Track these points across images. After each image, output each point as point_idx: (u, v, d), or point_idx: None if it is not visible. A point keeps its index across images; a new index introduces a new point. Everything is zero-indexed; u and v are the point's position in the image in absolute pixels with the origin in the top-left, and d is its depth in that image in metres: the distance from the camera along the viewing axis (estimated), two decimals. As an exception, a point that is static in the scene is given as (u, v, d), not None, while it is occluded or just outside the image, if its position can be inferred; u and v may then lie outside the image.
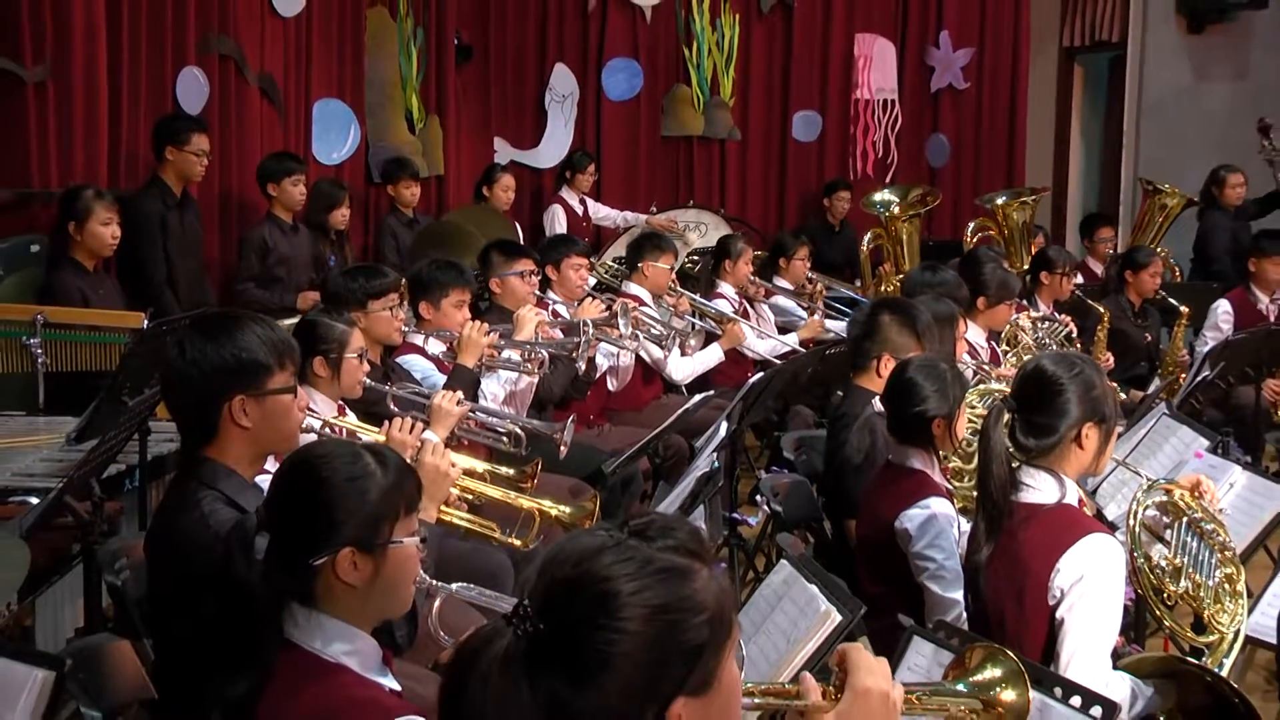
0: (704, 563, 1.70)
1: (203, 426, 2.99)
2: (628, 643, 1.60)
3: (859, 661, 1.91)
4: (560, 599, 1.63)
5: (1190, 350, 7.92)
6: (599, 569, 1.63)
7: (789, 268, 8.18)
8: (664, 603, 1.63)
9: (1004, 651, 2.13)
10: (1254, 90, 11.28)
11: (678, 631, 1.63)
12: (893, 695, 1.90)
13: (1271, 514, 4.39)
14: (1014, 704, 2.08)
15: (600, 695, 1.60)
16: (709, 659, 1.66)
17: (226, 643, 2.38)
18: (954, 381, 3.96)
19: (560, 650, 1.60)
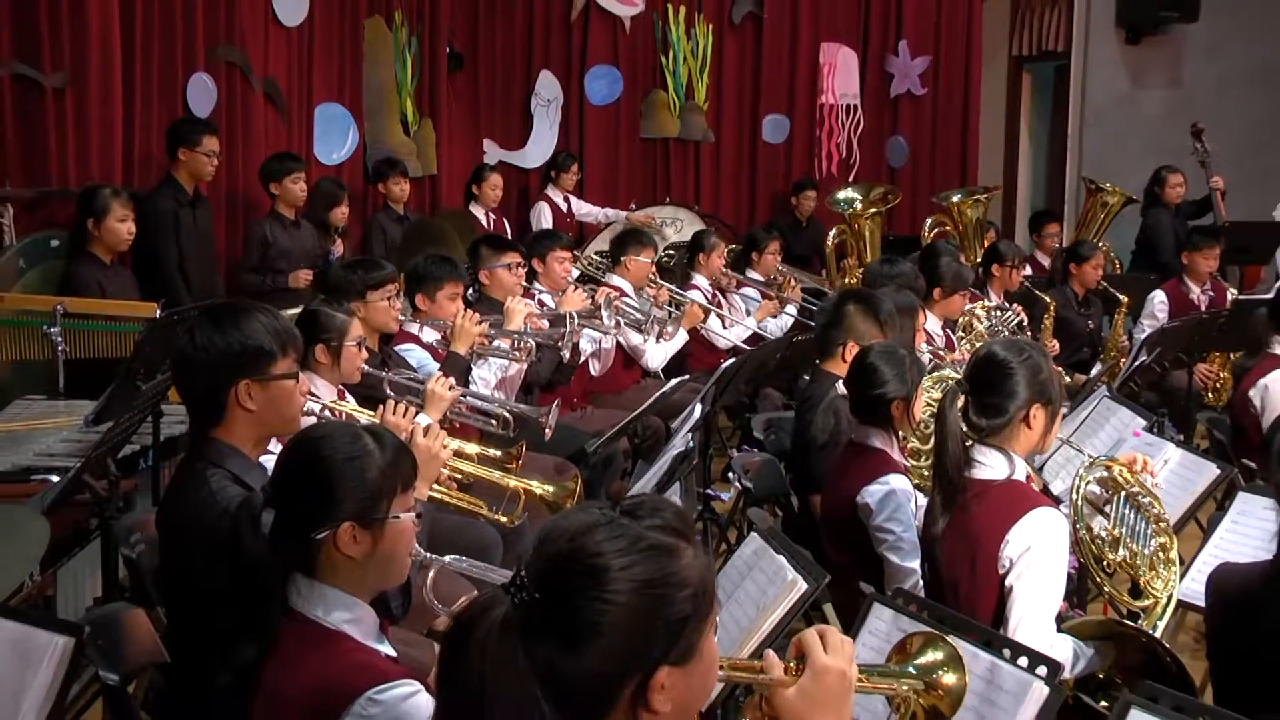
0: (689, 541, 1.71)
1: (211, 409, 2.99)
2: (617, 613, 1.61)
3: (819, 643, 1.90)
4: (555, 571, 1.63)
5: (1129, 337, 7.97)
6: (591, 544, 1.64)
7: (760, 261, 8.18)
8: (651, 577, 1.64)
9: (944, 637, 2.13)
10: (1187, 97, 11.32)
11: (663, 604, 1.64)
12: (850, 674, 1.90)
13: (1202, 487, 4.42)
14: (953, 686, 2.09)
15: (590, 661, 1.60)
16: (691, 631, 1.67)
17: (234, 611, 2.38)
18: (912, 366, 3.98)
19: (554, 618, 1.61)
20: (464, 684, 1.61)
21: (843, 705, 1.88)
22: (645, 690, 1.64)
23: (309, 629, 2.29)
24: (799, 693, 1.87)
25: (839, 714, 1.88)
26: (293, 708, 2.17)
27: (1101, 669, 3.20)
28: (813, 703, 1.86)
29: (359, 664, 2.23)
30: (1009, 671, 2.50)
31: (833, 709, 1.87)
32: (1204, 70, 11.47)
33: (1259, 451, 4.84)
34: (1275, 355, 5.32)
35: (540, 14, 10.40)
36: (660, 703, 1.64)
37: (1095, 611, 4.00)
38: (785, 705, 1.88)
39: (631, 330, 6.58)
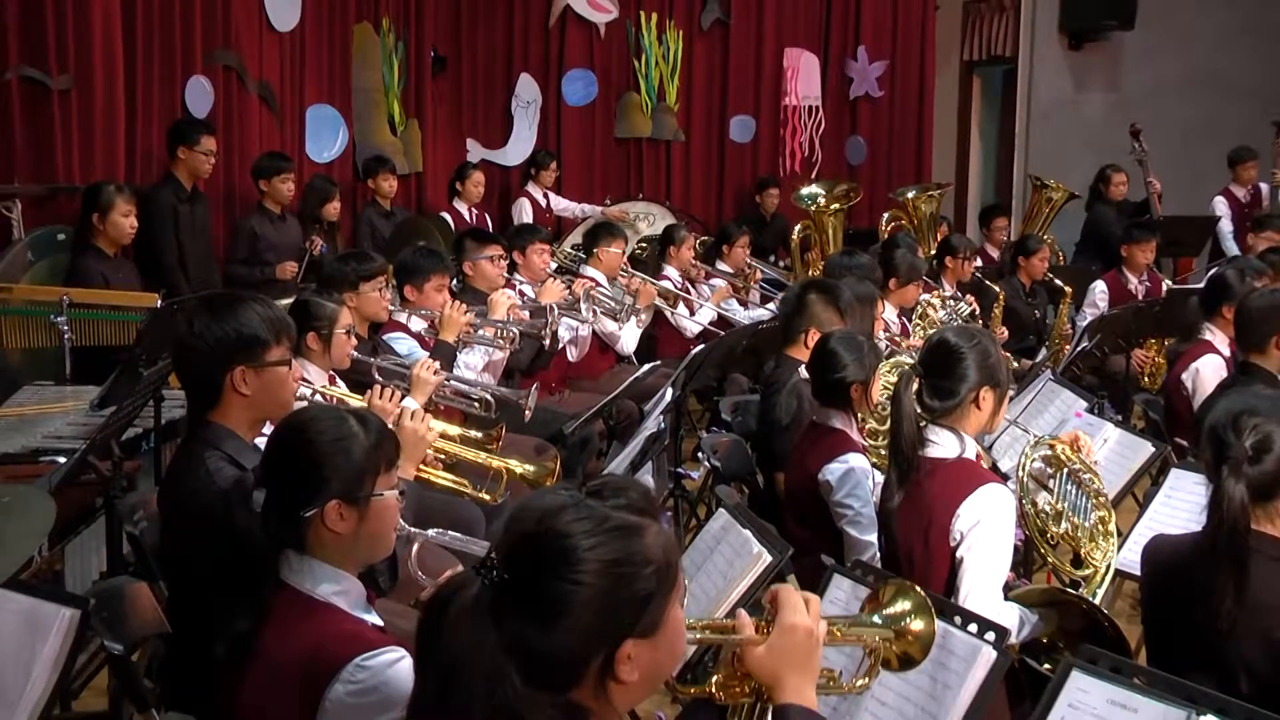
0: (653, 519, 1.70)
1: (208, 394, 2.98)
2: (585, 592, 1.60)
3: (788, 600, 1.91)
4: (524, 552, 1.62)
5: (1072, 325, 8.00)
6: (559, 525, 1.63)
7: (731, 254, 8.20)
8: (617, 557, 1.63)
9: (913, 587, 2.13)
10: (1125, 100, 11.38)
11: (629, 582, 1.63)
12: (816, 631, 1.90)
13: (1138, 464, 4.46)
14: (921, 632, 2.09)
15: (559, 637, 1.60)
16: (656, 605, 1.66)
17: (228, 584, 2.37)
18: (870, 352, 3.98)
19: (524, 597, 1.60)
20: (439, 659, 1.60)
21: (809, 659, 1.89)
22: (612, 662, 1.63)
23: (300, 600, 2.29)
24: (768, 650, 1.88)
25: (806, 668, 1.89)
26: (285, 674, 2.16)
27: (1045, 634, 3.21)
28: (781, 658, 1.87)
29: (347, 633, 2.22)
30: (960, 637, 2.51)
31: (799, 663, 1.88)
32: (1140, 75, 11.55)
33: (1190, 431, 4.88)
34: (1206, 341, 5.35)
35: (520, 20, 10.36)
36: (627, 673, 1.64)
37: (1040, 580, 4.02)
38: (756, 661, 1.88)
39: (606, 318, 6.59)
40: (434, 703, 1.61)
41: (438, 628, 1.61)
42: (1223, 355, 5.19)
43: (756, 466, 4.74)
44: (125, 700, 3.24)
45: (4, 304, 5.55)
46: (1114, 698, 2.19)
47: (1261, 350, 4.66)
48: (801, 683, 1.87)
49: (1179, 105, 11.18)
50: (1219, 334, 5.28)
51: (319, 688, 2.11)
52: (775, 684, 1.87)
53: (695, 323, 7.30)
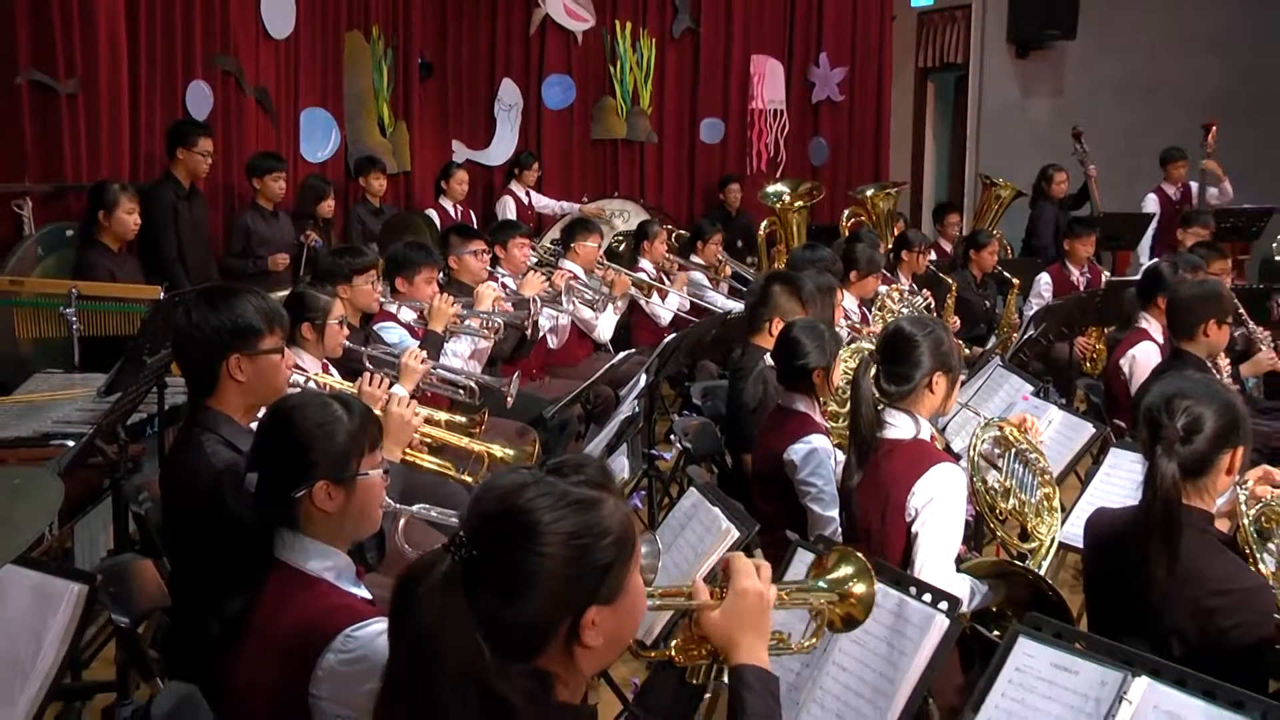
0: (610, 493, 1.70)
1: (205, 380, 2.97)
2: (548, 564, 1.60)
3: (740, 567, 1.91)
4: (489, 529, 1.62)
5: (1019, 314, 8.03)
6: (521, 502, 1.62)
7: (704, 249, 8.19)
8: (576, 529, 1.62)
9: (855, 553, 2.13)
10: (1068, 104, 11.44)
11: (589, 552, 1.63)
12: (767, 595, 1.91)
13: (1080, 444, 4.48)
14: (863, 595, 2.09)
15: (525, 608, 1.59)
16: (616, 573, 1.66)
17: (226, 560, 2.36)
18: (831, 340, 3.99)
19: (491, 572, 1.60)
20: (411, 633, 1.60)
21: (760, 621, 1.90)
22: (577, 628, 1.63)
23: (293, 576, 2.28)
24: (723, 613, 1.88)
25: (757, 629, 1.89)
26: (280, 644, 2.15)
27: (995, 603, 3.23)
28: (734, 621, 1.88)
29: (338, 605, 2.22)
30: (915, 607, 2.51)
31: (751, 625, 1.88)
32: (1081, 81, 11.61)
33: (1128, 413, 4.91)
34: (1142, 329, 5.38)
35: (502, 28, 10.34)
36: (592, 638, 1.64)
37: (989, 553, 4.03)
38: (711, 625, 1.89)
39: (584, 308, 6.59)
40: (406, 674, 1.60)
41: (409, 603, 1.60)
42: (1157, 342, 5.22)
43: (725, 447, 4.74)
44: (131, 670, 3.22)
45: (16, 296, 5.52)
46: (1057, 661, 2.20)
47: (1191, 338, 4.69)
48: (754, 643, 1.88)
49: (1117, 109, 11.24)
50: (1154, 323, 5.31)
51: (312, 656, 2.10)
52: (730, 646, 1.88)
53: (667, 309, 7.30)
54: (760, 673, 1.86)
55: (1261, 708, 1.95)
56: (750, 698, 1.83)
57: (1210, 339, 4.66)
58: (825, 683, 2.57)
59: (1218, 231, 8.63)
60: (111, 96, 6.59)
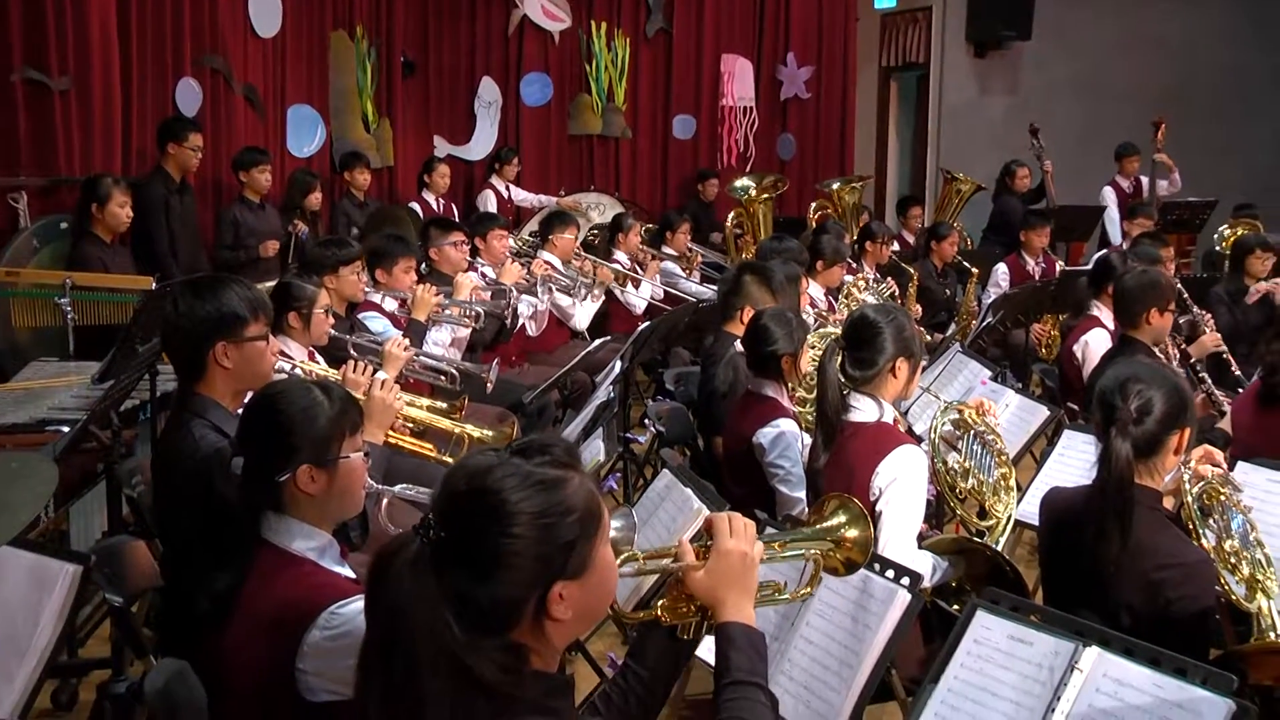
0: (576, 471, 1.68)
1: (193, 367, 2.96)
2: (515, 544, 1.59)
3: (722, 527, 1.90)
4: (458, 510, 1.60)
5: (978, 302, 8.05)
6: (489, 484, 1.61)
7: (673, 239, 8.19)
8: (543, 509, 1.61)
9: (851, 499, 2.12)
10: (1024, 102, 11.49)
11: (556, 530, 1.62)
12: (751, 554, 1.89)
13: (1036, 426, 4.52)
14: (858, 538, 2.07)
15: (494, 586, 1.58)
16: (582, 548, 1.64)
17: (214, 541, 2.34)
18: (799, 327, 3.98)
19: (460, 551, 1.58)
20: (386, 611, 1.58)
21: (745, 579, 1.88)
22: (545, 603, 1.62)
23: (279, 556, 2.27)
24: (707, 573, 1.87)
25: (742, 587, 1.88)
26: (265, 623, 2.14)
27: (954, 578, 3.24)
28: (719, 580, 1.87)
29: (323, 584, 2.21)
30: (878, 582, 2.53)
31: (736, 584, 1.87)
32: (1036, 80, 11.66)
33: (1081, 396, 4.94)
34: (1094, 316, 5.41)
35: (481, 28, 10.29)
36: (561, 612, 1.63)
37: (949, 531, 4.05)
38: (696, 584, 1.88)
39: (561, 297, 6.58)
40: (380, 653, 1.59)
41: (382, 583, 1.59)
42: (1108, 329, 5.25)
43: (697, 431, 4.75)
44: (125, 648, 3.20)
45: (12, 287, 5.49)
46: (1013, 633, 2.22)
47: (1135, 325, 4.72)
48: (740, 601, 1.87)
49: (1071, 107, 11.30)
50: (1105, 310, 5.35)
51: (297, 633, 2.09)
52: (716, 603, 1.87)
53: (641, 299, 7.29)
54: (745, 630, 1.85)
55: (1202, 673, 1.97)
56: (735, 654, 1.83)
57: (1153, 326, 4.69)
58: (793, 655, 2.58)
59: (1165, 224, 8.70)
60: (104, 93, 6.56)
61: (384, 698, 1.58)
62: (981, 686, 2.20)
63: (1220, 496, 2.89)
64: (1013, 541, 4.30)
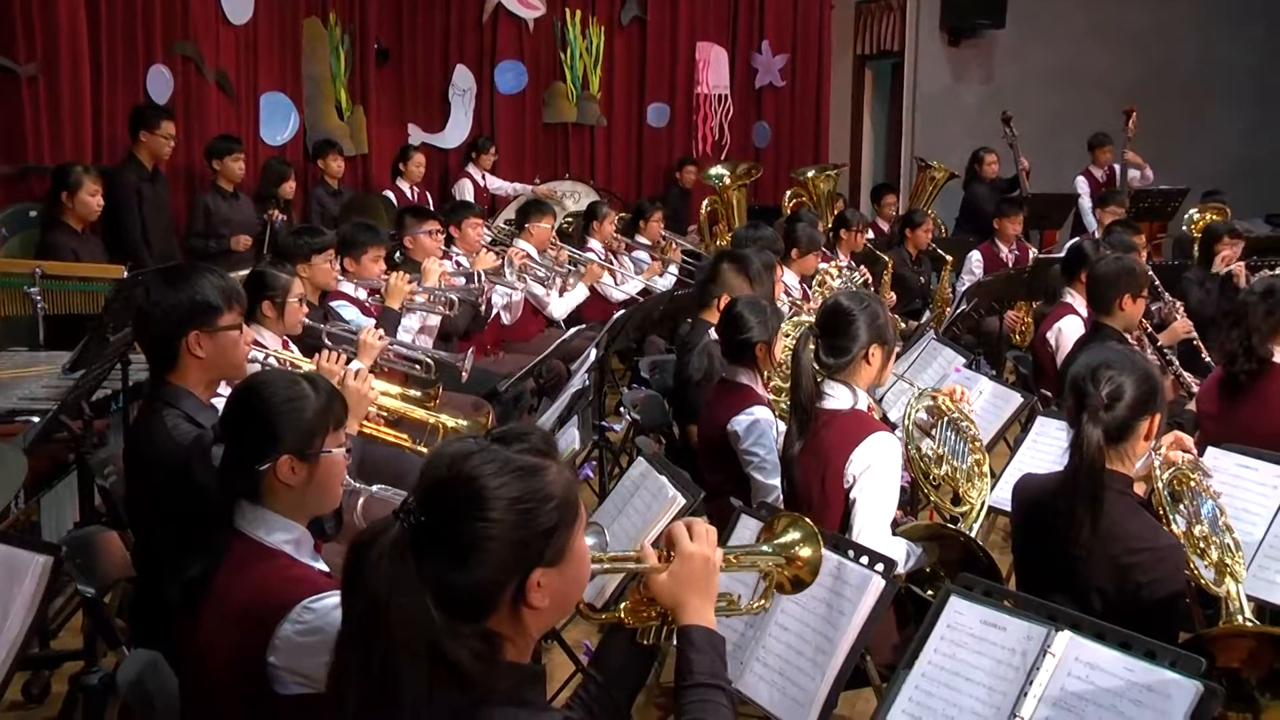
0: (553, 460, 1.69)
1: (166, 357, 2.94)
2: (494, 529, 1.59)
3: (685, 532, 1.91)
4: (437, 496, 1.61)
5: (952, 290, 8.09)
6: (468, 470, 1.61)
7: (647, 228, 8.19)
8: (521, 495, 1.61)
9: (803, 519, 2.13)
10: (998, 90, 11.53)
11: (534, 516, 1.62)
12: (713, 559, 1.91)
13: (1009, 413, 4.54)
14: (810, 558, 2.09)
15: (473, 571, 1.59)
16: (560, 536, 1.66)
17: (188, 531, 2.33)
18: (773, 315, 3.98)
19: (440, 537, 1.59)
20: (364, 597, 1.58)
21: (706, 584, 1.89)
22: (523, 590, 1.62)
23: (253, 547, 2.25)
24: (670, 576, 1.88)
25: (704, 592, 1.89)
26: (238, 614, 2.13)
27: (928, 564, 3.26)
28: (681, 584, 1.88)
29: (296, 577, 2.19)
30: (853, 569, 2.53)
31: (698, 588, 1.88)
32: (1011, 68, 11.71)
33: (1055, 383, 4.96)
34: (1067, 303, 5.43)
35: (455, 15, 10.26)
36: (538, 599, 1.63)
37: (924, 517, 4.07)
38: (659, 587, 1.89)
39: (536, 285, 6.58)
40: (359, 638, 1.58)
41: (361, 568, 1.59)
42: (1081, 316, 5.27)
43: (672, 419, 4.75)
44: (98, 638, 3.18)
45: (-19, 276, 5.42)
46: (986, 618, 2.23)
47: (1108, 312, 4.74)
48: (701, 605, 1.88)
49: (1044, 95, 11.35)
50: (1078, 297, 5.36)
51: (269, 626, 2.08)
52: (678, 607, 1.88)
53: (622, 292, 7.29)
54: (706, 632, 1.86)
55: (1171, 656, 1.99)
56: (696, 657, 1.84)
57: (1126, 312, 4.72)
58: (768, 642, 2.59)
59: (1136, 212, 8.75)
60: (73, 80, 6.49)
61: (361, 682, 1.57)
62: (955, 671, 2.21)
63: (1190, 482, 2.91)
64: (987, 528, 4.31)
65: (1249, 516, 3.17)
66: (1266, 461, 3.29)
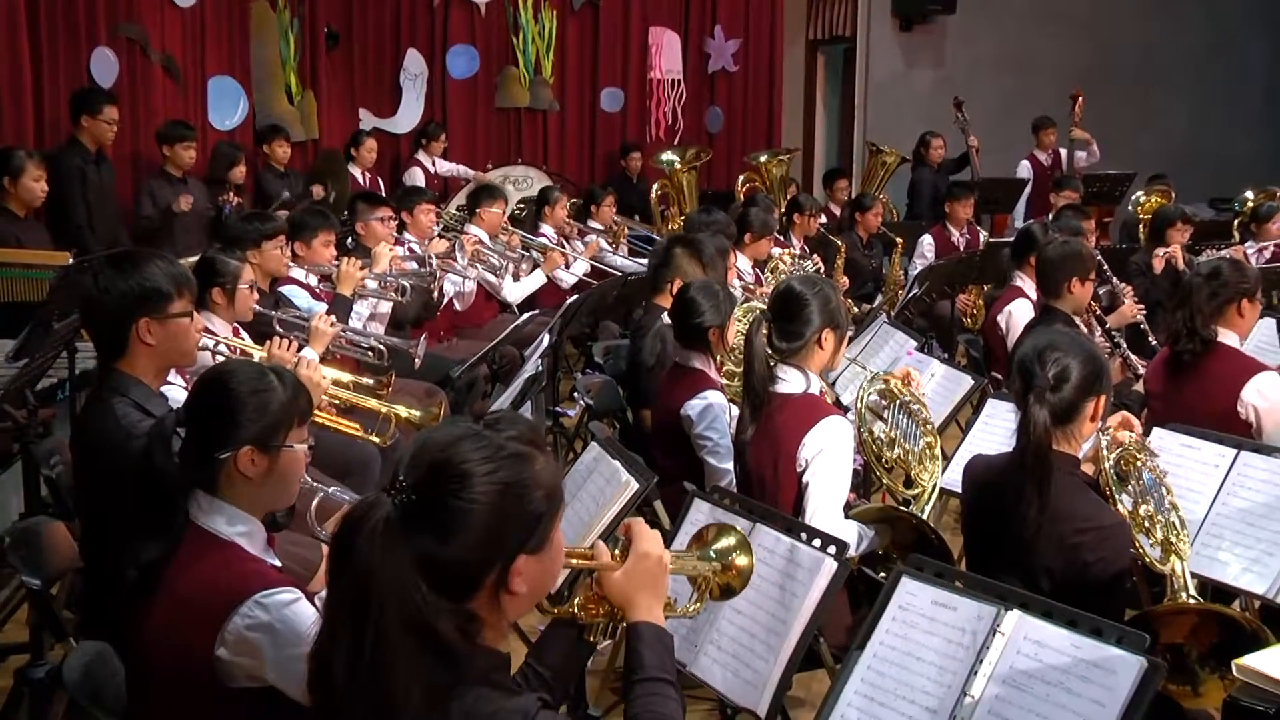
0: (542, 450, 1.73)
1: (114, 344, 2.90)
2: (482, 511, 1.62)
3: (641, 532, 1.95)
4: (429, 476, 1.63)
5: (904, 273, 8.15)
6: (460, 453, 1.64)
7: (598, 213, 8.17)
8: (511, 480, 1.65)
9: (734, 527, 2.16)
10: (948, 76, 11.61)
11: (522, 502, 1.66)
12: (665, 559, 1.95)
13: (961, 395, 4.59)
14: (744, 566, 2.12)
15: (460, 550, 1.62)
16: (545, 525, 1.70)
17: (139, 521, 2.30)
18: (726, 299, 3.99)
19: (429, 515, 1.61)
20: (354, 571, 1.60)
21: (658, 584, 1.93)
22: (506, 575, 1.66)
23: (206, 539, 2.22)
24: (624, 574, 1.91)
25: (655, 590, 1.93)
26: (188, 606, 2.10)
27: (881, 546, 3.29)
28: (635, 582, 1.91)
29: (249, 571, 2.17)
30: (805, 551, 2.56)
31: (650, 587, 1.92)
32: (961, 54, 11.79)
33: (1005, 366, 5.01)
34: (1017, 287, 5.48)
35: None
36: (519, 585, 1.67)
37: (876, 500, 4.10)
38: (612, 585, 1.92)
39: (488, 271, 6.55)
40: (350, 611, 1.59)
41: (351, 543, 1.60)
42: (1031, 299, 5.32)
43: (626, 404, 4.75)
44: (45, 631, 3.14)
45: (-79, 264, 5.30)
46: (937, 599, 2.26)
47: (1057, 295, 4.79)
48: (652, 603, 1.92)
49: (994, 81, 11.46)
50: (1027, 281, 5.41)
51: (219, 620, 2.06)
52: (628, 605, 1.91)
53: (571, 274, 7.28)
54: (656, 629, 1.90)
55: (1117, 633, 2.03)
56: (647, 652, 1.87)
57: (1075, 295, 4.77)
58: (721, 625, 2.60)
59: (1085, 195, 8.86)
60: (12, 63, 6.37)
61: (351, 658, 1.59)
62: (907, 651, 2.24)
63: (1137, 462, 2.95)
64: (939, 509, 4.36)
65: (1193, 495, 3.23)
66: (1209, 441, 3.35)
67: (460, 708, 1.60)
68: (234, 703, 2.09)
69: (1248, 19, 12.25)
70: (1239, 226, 8.28)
